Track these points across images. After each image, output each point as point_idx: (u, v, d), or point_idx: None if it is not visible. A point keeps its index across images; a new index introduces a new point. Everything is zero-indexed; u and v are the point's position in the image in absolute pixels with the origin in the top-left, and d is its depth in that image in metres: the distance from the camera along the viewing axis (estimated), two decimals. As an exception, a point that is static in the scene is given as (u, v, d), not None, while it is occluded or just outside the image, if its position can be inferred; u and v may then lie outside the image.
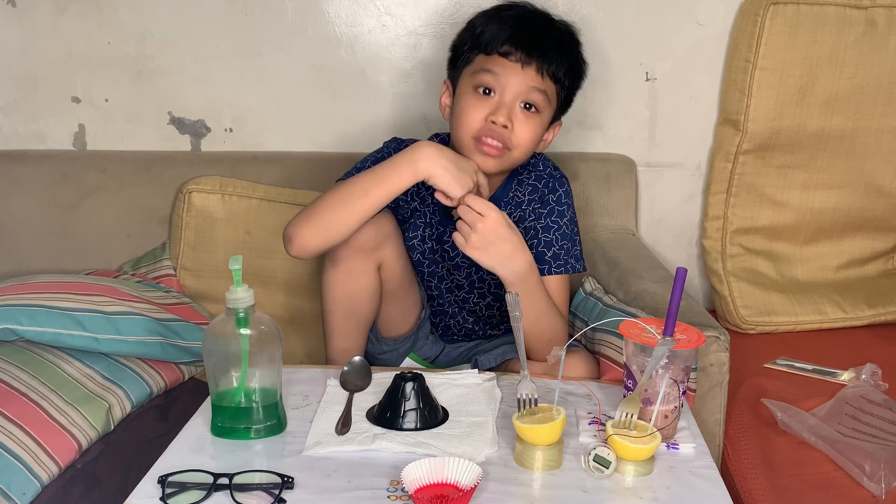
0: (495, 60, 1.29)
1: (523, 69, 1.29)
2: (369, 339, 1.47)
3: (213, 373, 1.06)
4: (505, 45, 1.28)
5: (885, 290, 1.84)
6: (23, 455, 1.13)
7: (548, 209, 1.40)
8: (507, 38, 1.29)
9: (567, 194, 1.42)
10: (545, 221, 1.39)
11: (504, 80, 1.29)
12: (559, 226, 1.39)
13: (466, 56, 1.34)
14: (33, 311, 1.31)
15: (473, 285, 1.46)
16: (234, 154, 1.85)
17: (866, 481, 1.16)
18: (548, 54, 1.30)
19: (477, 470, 0.93)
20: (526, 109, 1.31)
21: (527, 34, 1.30)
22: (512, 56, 1.28)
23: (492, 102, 1.30)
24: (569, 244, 1.40)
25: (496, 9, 1.37)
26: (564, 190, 1.42)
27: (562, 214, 1.40)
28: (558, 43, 1.33)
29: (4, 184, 1.79)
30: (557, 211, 1.40)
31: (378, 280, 1.37)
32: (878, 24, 1.71)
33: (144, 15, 1.80)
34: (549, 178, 1.42)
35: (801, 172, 1.80)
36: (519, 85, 1.29)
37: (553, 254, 1.38)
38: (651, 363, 1.01)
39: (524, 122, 1.30)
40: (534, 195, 1.41)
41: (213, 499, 0.93)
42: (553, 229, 1.39)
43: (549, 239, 1.39)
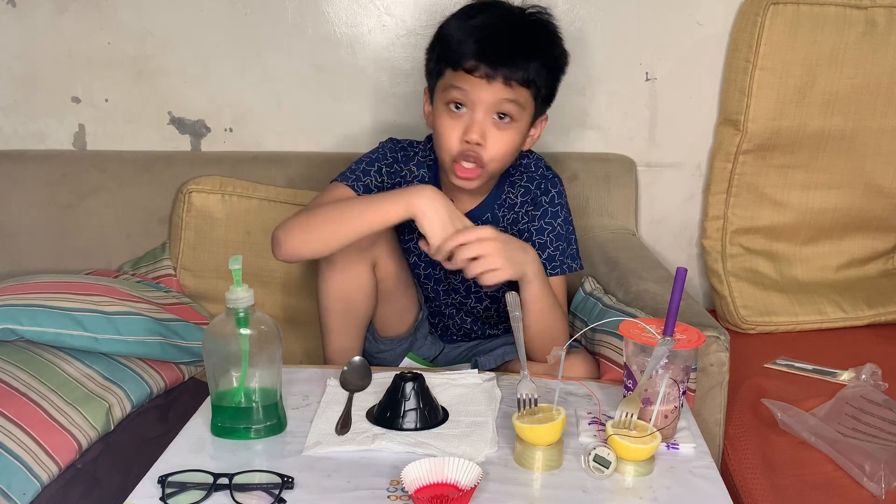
0: (462, 77, 1.26)
1: (490, 84, 1.25)
2: (367, 338, 1.47)
3: (213, 373, 1.06)
4: (470, 61, 1.25)
5: (885, 290, 1.84)
6: (23, 455, 1.13)
7: (541, 211, 1.39)
8: (472, 52, 1.25)
9: (560, 195, 1.41)
10: (539, 223, 1.39)
11: (473, 96, 1.26)
12: (553, 227, 1.39)
13: (437, 68, 1.31)
14: (33, 311, 1.31)
15: (470, 289, 1.46)
16: (234, 154, 1.85)
17: (866, 481, 1.16)
18: (514, 63, 1.25)
19: (477, 470, 0.93)
20: (500, 120, 1.29)
21: (491, 46, 1.25)
22: (477, 72, 1.25)
23: (464, 119, 1.28)
24: (564, 245, 1.40)
25: (465, 12, 1.32)
26: (557, 191, 1.41)
27: (555, 216, 1.40)
28: (527, 47, 1.28)
29: (4, 184, 1.79)
30: (551, 212, 1.39)
31: (373, 278, 1.37)
32: (878, 24, 1.71)
33: (144, 15, 1.80)
34: (541, 180, 1.41)
35: (801, 172, 1.80)
36: (488, 99, 1.26)
37: (548, 255, 1.38)
38: (651, 363, 1.01)
39: (497, 136, 1.29)
40: (526, 197, 1.40)
41: (213, 499, 0.93)
42: (547, 231, 1.39)
43: (543, 241, 1.38)
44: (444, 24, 1.33)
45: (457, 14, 1.33)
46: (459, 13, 1.32)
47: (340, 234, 1.25)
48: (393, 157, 1.42)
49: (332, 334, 1.40)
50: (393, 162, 1.41)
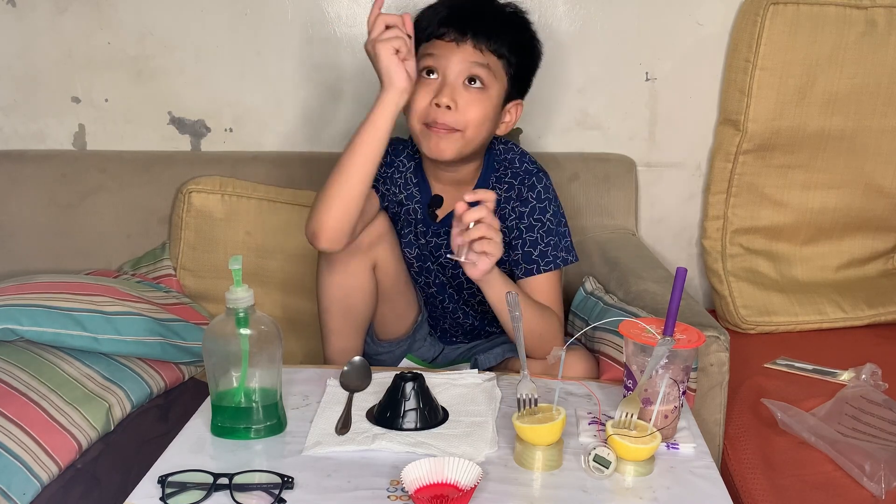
0: (433, 44, 1.29)
1: (459, 46, 1.28)
2: (366, 339, 1.47)
3: (213, 373, 1.06)
4: (440, 28, 1.28)
5: (885, 290, 1.84)
6: (23, 455, 1.13)
7: (529, 207, 1.38)
8: (441, 19, 1.29)
9: (546, 189, 1.39)
10: (528, 220, 1.37)
11: (444, 61, 1.28)
12: (542, 223, 1.37)
13: (417, 49, 1.32)
14: (33, 311, 1.31)
15: (462, 285, 1.46)
16: (234, 154, 1.85)
17: (866, 481, 1.16)
18: (482, 29, 1.28)
19: (477, 470, 0.93)
20: (470, 85, 1.29)
21: (461, 13, 1.29)
22: (447, 35, 1.28)
23: (434, 85, 1.29)
24: (556, 239, 1.38)
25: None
26: (543, 185, 1.39)
27: (544, 211, 1.38)
28: (496, 19, 1.32)
29: (4, 184, 1.79)
30: (539, 208, 1.37)
31: (373, 279, 1.38)
32: (878, 24, 1.71)
33: (144, 15, 1.80)
34: (525, 175, 1.39)
35: (801, 172, 1.80)
36: (458, 63, 1.28)
37: (540, 252, 1.37)
38: (651, 363, 1.01)
39: (469, 100, 1.29)
40: (511, 192, 1.39)
41: (213, 499, 0.93)
42: (537, 227, 1.37)
43: (533, 238, 1.37)
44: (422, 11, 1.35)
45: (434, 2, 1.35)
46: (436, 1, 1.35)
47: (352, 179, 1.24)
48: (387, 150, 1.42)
49: (332, 335, 1.41)
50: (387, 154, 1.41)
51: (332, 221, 1.25)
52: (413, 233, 1.43)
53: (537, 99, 1.80)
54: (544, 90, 1.83)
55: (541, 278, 1.36)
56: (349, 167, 1.25)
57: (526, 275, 1.36)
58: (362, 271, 1.35)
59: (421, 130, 1.31)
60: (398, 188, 1.42)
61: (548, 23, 1.81)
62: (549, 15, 1.80)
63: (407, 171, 1.42)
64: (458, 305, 1.49)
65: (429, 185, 1.41)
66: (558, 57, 1.82)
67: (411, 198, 1.42)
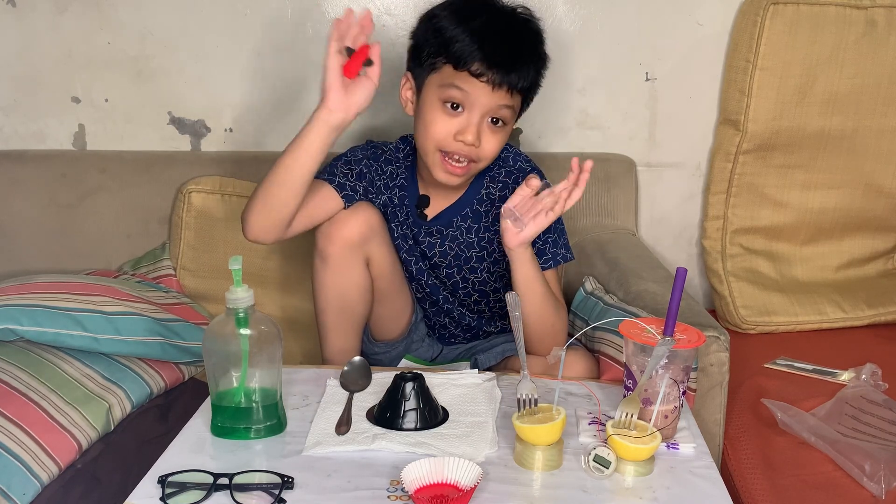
0: (465, 79, 1.25)
1: (494, 91, 1.26)
2: (362, 339, 1.47)
3: (213, 373, 1.06)
4: (476, 65, 1.24)
5: (885, 290, 1.84)
6: (23, 455, 1.13)
7: None
8: (479, 57, 1.24)
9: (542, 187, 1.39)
10: None
11: (473, 99, 1.26)
12: None
13: (432, 61, 1.29)
14: (33, 311, 1.31)
15: (458, 284, 1.46)
16: (234, 154, 1.85)
17: (866, 481, 1.16)
18: (518, 72, 1.27)
19: (477, 470, 0.93)
20: (494, 124, 1.29)
21: (499, 53, 1.25)
22: (484, 77, 1.24)
23: (460, 120, 1.28)
24: (554, 237, 1.38)
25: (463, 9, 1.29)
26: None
27: None
28: (527, 54, 1.29)
29: (4, 184, 1.79)
30: None
31: (368, 276, 1.37)
32: (878, 24, 1.71)
33: (144, 15, 1.80)
34: (519, 174, 1.40)
35: (801, 172, 1.80)
36: (489, 104, 1.27)
37: (537, 250, 1.37)
38: (651, 363, 1.01)
39: (490, 138, 1.29)
40: (505, 191, 1.39)
41: (213, 499, 0.93)
42: None
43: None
44: (437, 18, 1.30)
45: (452, 9, 1.30)
46: (453, 9, 1.30)
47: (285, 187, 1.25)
48: (363, 155, 1.41)
49: (330, 334, 1.41)
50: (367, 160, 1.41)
51: (263, 223, 1.28)
52: (403, 235, 1.43)
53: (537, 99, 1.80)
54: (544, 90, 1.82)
55: None
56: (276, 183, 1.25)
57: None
58: (357, 267, 1.35)
59: (434, 155, 1.31)
60: (383, 190, 1.42)
61: (548, 23, 1.79)
62: (549, 15, 1.80)
63: (388, 176, 1.41)
64: (454, 306, 1.49)
65: (417, 185, 1.41)
66: (558, 57, 1.81)
67: (399, 199, 1.42)
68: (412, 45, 1.35)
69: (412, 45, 1.35)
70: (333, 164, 1.40)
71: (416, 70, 1.34)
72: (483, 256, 1.42)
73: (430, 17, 1.32)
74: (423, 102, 1.32)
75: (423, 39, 1.32)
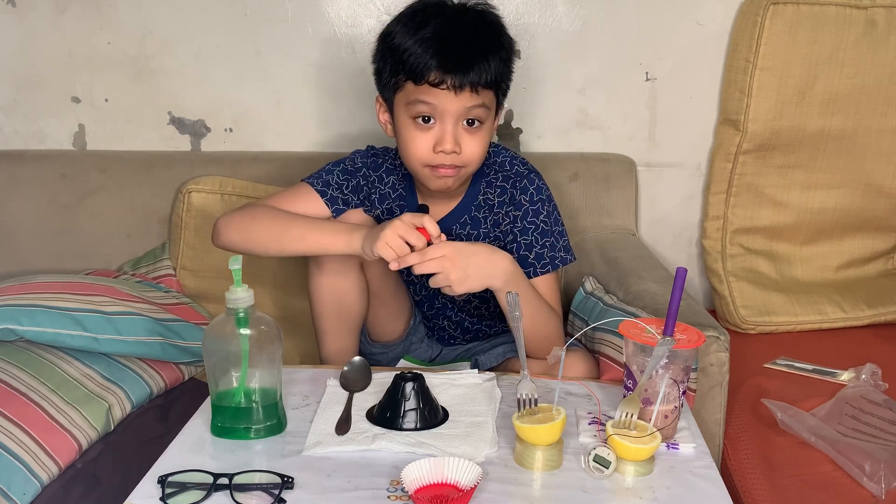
0: (427, 91, 1.24)
1: (457, 95, 1.23)
2: (360, 340, 1.47)
3: (213, 373, 1.06)
4: (433, 74, 1.22)
5: (885, 290, 1.84)
6: (23, 455, 1.13)
7: (522, 210, 1.37)
8: (434, 65, 1.22)
9: (539, 190, 1.38)
10: (521, 224, 1.37)
11: (441, 108, 1.25)
12: (536, 225, 1.37)
13: (394, 79, 1.27)
14: (33, 311, 1.31)
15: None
16: (234, 154, 1.85)
17: (866, 481, 1.16)
18: (477, 69, 1.23)
19: (477, 470, 0.93)
20: (470, 126, 1.28)
21: (452, 55, 1.22)
22: (443, 84, 1.22)
23: (434, 131, 1.27)
24: (552, 240, 1.37)
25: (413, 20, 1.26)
26: (535, 187, 1.38)
27: (537, 213, 1.37)
28: (484, 48, 1.25)
29: (4, 184, 1.79)
30: (532, 210, 1.37)
31: (363, 278, 1.37)
32: (878, 24, 1.71)
33: (144, 15, 1.80)
34: (516, 178, 1.38)
35: (801, 172, 1.80)
36: (457, 109, 1.25)
37: (536, 255, 1.36)
38: (651, 363, 1.01)
39: (469, 140, 1.28)
40: (503, 196, 1.38)
41: (213, 499, 0.93)
42: (531, 230, 1.36)
43: (528, 241, 1.36)
44: (390, 34, 1.28)
45: (402, 22, 1.27)
46: (404, 21, 1.27)
47: (278, 246, 1.27)
48: (365, 165, 1.41)
49: (327, 336, 1.40)
50: (365, 170, 1.40)
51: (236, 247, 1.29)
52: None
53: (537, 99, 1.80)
54: (544, 90, 1.84)
55: (538, 281, 1.35)
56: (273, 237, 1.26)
57: None
58: (352, 271, 1.35)
59: (422, 171, 1.30)
60: (378, 204, 1.41)
61: (548, 23, 1.81)
62: (549, 15, 1.80)
63: (387, 186, 1.41)
64: (454, 311, 1.49)
65: (415, 195, 1.41)
66: (558, 57, 1.82)
67: (399, 210, 1.40)
68: (375, 68, 1.33)
69: (375, 68, 1.33)
70: (330, 170, 1.39)
71: (383, 92, 1.32)
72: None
73: (385, 35, 1.30)
74: (397, 124, 1.31)
75: (381, 60, 1.30)
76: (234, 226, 1.28)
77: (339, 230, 1.26)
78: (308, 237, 1.26)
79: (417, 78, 1.24)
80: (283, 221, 1.28)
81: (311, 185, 1.36)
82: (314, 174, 1.38)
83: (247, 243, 1.28)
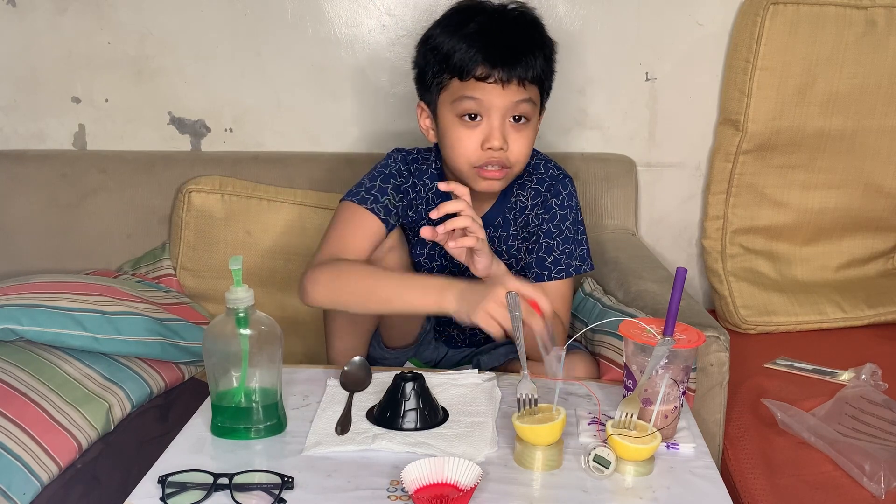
0: (474, 86, 1.23)
1: (504, 88, 1.23)
2: (372, 344, 1.46)
3: (213, 373, 1.06)
4: (480, 69, 1.22)
5: (885, 290, 1.84)
6: (23, 455, 1.13)
7: (550, 213, 1.37)
8: (480, 59, 1.21)
9: (570, 196, 1.39)
10: (547, 227, 1.37)
11: (488, 104, 1.24)
12: (560, 230, 1.37)
13: (438, 79, 1.27)
14: (33, 311, 1.31)
15: None
16: (234, 154, 1.85)
17: (866, 481, 1.16)
18: (524, 63, 1.23)
19: (477, 470, 0.93)
20: (516, 122, 1.27)
21: (498, 49, 1.22)
22: (490, 78, 1.22)
23: (481, 128, 1.26)
24: (571, 247, 1.38)
25: (454, 20, 1.27)
26: (567, 192, 1.38)
27: (564, 218, 1.38)
28: (529, 43, 1.26)
29: (4, 184, 1.79)
30: (560, 215, 1.38)
31: None
32: (878, 24, 1.71)
33: (144, 15, 1.80)
34: (551, 181, 1.39)
35: (801, 172, 1.80)
36: (505, 104, 1.24)
37: (553, 259, 1.36)
38: (651, 363, 1.01)
39: (516, 137, 1.27)
40: (537, 199, 1.38)
41: (213, 499, 0.93)
42: (555, 234, 1.37)
43: (550, 244, 1.37)
44: (431, 37, 1.28)
45: (443, 24, 1.28)
46: (446, 23, 1.28)
47: (362, 307, 1.25)
48: (407, 171, 1.39)
49: (336, 336, 1.40)
50: (407, 175, 1.38)
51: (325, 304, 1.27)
52: (430, 255, 1.41)
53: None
54: (544, 90, 1.84)
55: (551, 285, 1.35)
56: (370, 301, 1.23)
57: (537, 280, 1.36)
58: None
59: (469, 172, 1.29)
60: (421, 208, 1.39)
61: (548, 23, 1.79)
62: (549, 15, 1.80)
63: (429, 191, 1.39)
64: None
65: (449, 198, 1.40)
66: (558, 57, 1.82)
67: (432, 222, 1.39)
68: (416, 73, 1.33)
69: (416, 73, 1.33)
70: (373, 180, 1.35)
71: (426, 96, 1.32)
72: (511, 264, 1.40)
73: (425, 39, 1.30)
74: (441, 125, 1.29)
75: (423, 62, 1.30)
76: (320, 288, 1.25)
77: (427, 288, 1.19)
78: (395, 301, 1.21)
79: (464, 74, 1.23)
80: (368, 281, 1.23)
81: (360, 204, 1.32)
82: (356, 191, 1.35)
83: (335, 305, 1.27)
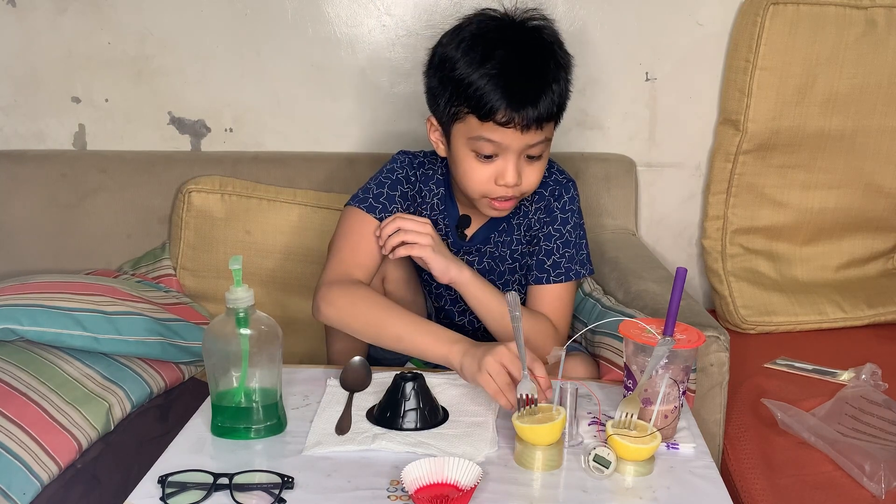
0: (492, 129, 1.19)
1: (523, 134, 1.20)
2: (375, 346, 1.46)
3: (213, 373, 1.06)
4: (501, 113, 1.18)
5: (885, 290, 1.85)
6: (23, 455, 1.13)
7: (552, 217, 1.37)
8: (504, 105, 1.17)
9: (572, 200, 1.38)
10: (547, 230, 1.37)
11: (506, 146, 1.21)
12: (561, 234, 1.37)
13: (454, 109, 1.22)
14: (33, 311, 1.31)
15: None
16: (234, 154, 1.85)
17: (866, 481, 1.16)
18: (544, 103, 1.20)
19: (477, 470, 0.93)
20: (530, 158, 1.25)
21: (519, 92, 1.18)
22: (511, 124, 1.18)
23: (496, 165, 1.24)
24: (572, 251, 1.37)
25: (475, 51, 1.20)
26: (570, 196, 1.38)
27: (565, 222, 1.37)
28: (548, 78, 1.22)
29: (4, 184, 1.79)
30: (561, 219, 1.37)
31: (382, 288, 1.37)
32: (878, 24, 1.71)
33: (144, 15, 1.80)
34: (554, 185, 1.38)
35: (801, 172, 1.80)
36: (521, 146, 1.22)
37: (553, 262, 1.36)
38: (651, 363, 1.01)
39: (531, 171, 1.26)
40: (540, 203, 1.38)
41: (213, 499, 0.93)
42: (555, 238, 1.36)
43: (549, 247, 1.36)
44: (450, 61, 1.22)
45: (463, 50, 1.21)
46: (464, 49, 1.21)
47: (375, 340, 1.25)
48: (413, 176, 1.38)
49: (337, 336, 1.39)
50: (414, 181, 1.38)
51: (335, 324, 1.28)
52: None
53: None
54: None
55: (549, 288, 1.35)
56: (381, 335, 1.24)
57: (535, 282, 1.35)
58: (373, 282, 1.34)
59: (480, 200, 1.28)
60: (426, 213, 1.39)
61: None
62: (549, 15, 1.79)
63: (435, 197, 1.39)
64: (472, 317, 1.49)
65: (456, 205, 1.39)
66: (558, 57, 1.82)
67: (439, 220, 1.39)
68: (428, 88, 1.28)
69: (428, 88, 1.28)
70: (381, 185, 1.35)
71: (438, 116, 1.28)
72: (515, 269, 1.41)
73: (444, 60, 1.23)
74: (454, 151, 1.27)
75: (438, 85, 1.25)
76: (334, 311, 1.25)
77: (438, 339, 1.19)
78: (405, 341, 1.21)
79: (484, 116, 1.20)
80: (382, 315, 1.23)
81: (369, 212, 1.32)
82: (363, 196, 1.34)
83: (346, 329, 1.27)
